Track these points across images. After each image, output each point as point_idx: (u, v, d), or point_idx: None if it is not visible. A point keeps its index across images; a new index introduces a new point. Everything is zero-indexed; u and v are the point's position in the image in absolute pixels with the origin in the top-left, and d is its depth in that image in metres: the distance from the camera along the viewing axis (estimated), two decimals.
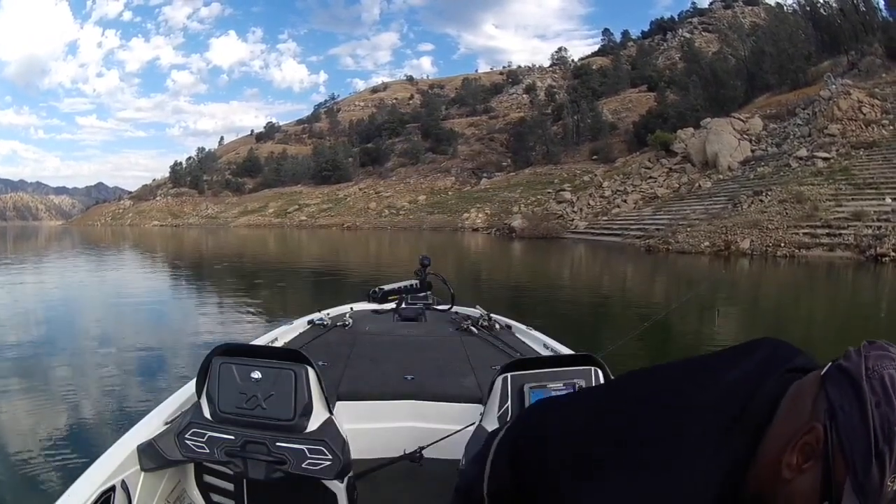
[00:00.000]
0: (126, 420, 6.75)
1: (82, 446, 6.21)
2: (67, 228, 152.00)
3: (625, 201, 58.57)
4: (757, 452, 1.05)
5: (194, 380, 2.99)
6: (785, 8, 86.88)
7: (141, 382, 9.06)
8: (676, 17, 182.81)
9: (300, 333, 4.88)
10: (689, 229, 38.95)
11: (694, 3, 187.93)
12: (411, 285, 6.13)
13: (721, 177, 52.25)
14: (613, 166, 76.20)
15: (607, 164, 79.92)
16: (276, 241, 64.53)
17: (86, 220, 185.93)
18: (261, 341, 4.33)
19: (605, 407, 1.20)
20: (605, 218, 57.04)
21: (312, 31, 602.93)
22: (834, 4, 74.83)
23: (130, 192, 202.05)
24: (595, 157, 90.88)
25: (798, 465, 0.98)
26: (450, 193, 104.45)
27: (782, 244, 32.86)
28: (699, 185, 52.29)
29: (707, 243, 35.63)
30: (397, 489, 3.27)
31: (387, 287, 5.94)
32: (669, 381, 1.18)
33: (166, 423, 2.97)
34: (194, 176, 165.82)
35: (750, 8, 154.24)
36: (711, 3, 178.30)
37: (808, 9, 78.51)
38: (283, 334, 4.77)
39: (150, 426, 2.94)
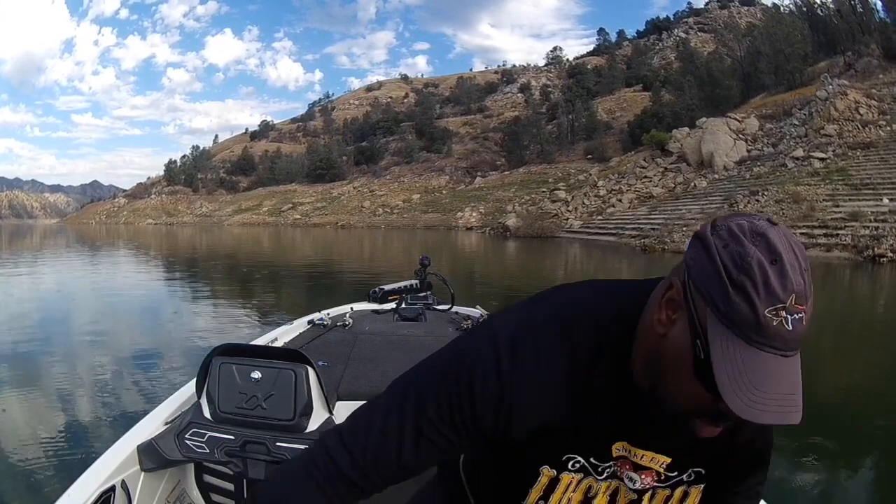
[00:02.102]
0: (118, 418, 6.87)
1: (82, 446, 6.08)
2: (62, 226, 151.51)
3: (620, 201, 58.32)
4: (636, 333, 1.19)
5: (194, 380, 3.01)
6: (781, 8, 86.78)
7: (132, 381, 8.77)
8: (672, 17, 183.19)
9: (300, 333, 4.83)
10: (684, 229, 38.62)
11: (690, 3, 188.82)
12: (411, 285, 5.93)
13: (717, 176, 52.03)
14: (608, 165, 76.13)
15: (602, 164, 79.86)
16: (270, 240, 64.31)
17: (80, 218, 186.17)
18: (261, 341, 4.33)
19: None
20: (600, 217, 56.75)
21: (308, 30, 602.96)
22: (831, 5, 74.71)
23: (125, 191, 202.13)
24: (590, 156, 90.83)
25: (668, 318, 1.10)
26: (444, 192, 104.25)
27: None
28: (695, 185, 52.10)
29: None
30: (397, 488, 3.05)
31: (387, 287, 5.75)
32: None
33: (166, 423, 2.97)
34: (189, 174, 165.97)
35: (746, 8, 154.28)
36: (707, 4, 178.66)
37: (804, 9, 78.36)
38: (283, 334, 4.74)
39: (150, 426, 2.94)
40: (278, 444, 2.70)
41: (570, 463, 1.29)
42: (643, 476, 1.30)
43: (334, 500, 1.29)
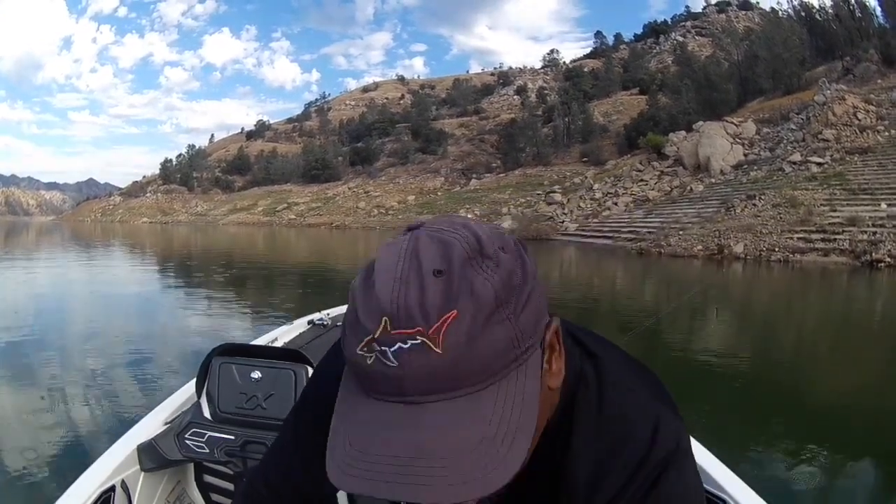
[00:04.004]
0: (111, 417, 6.96)
1: (81, 446, 6.08)
2: (58, 224, 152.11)
3: (616, 204, 58.10)
4: None
5: (194, 380, 2.99)
6: (780, 13, 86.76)
7: (128, 382, 8.67)
8: (669, 21, 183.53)
9: (300, 333, 4.75)
10: (681, 232, 38.54)
11: (687, 7, 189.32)
12: None
13: (713, 180, 51.82)
14: (604, 168, 75.87)
15: (598, 167, 79.60)
16: (265, 240, 64.36)
17: (76, 216, 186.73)
18: (261, 341, 4.27)
19: None
20: (595, 220, 56.52)
21: (306, 30, 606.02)
22: (829, 10, 74.75)
23: (121, 189, 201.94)
24: (585, 159, 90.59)
25: None
26: (439, 194, 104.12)
27: (776, 249, 32.42)
28: (691, 189, 51.86)
29: (700, 247, 35.19)
30: None
31: None
32: None
33: (166, 423, 2.93)
34: (184, 173, 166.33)
35: (744, 13, 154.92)
36: (705, 8, 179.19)
37: (803, 14, 78.45)
38: (283, 334, 4.67)
39: (149, 426, 2.90)
40: None
41: None
42: None
43: None
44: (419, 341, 0.76)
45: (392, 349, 0.76)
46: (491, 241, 0.82)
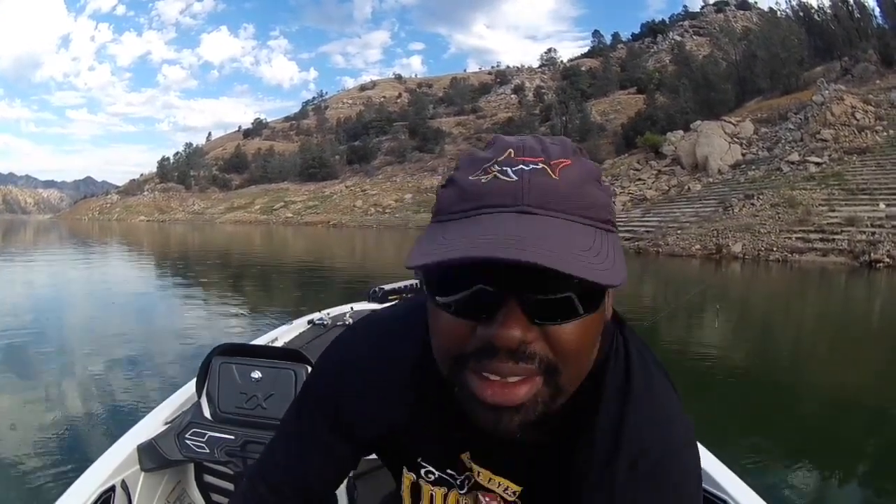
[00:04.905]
0: (111, 413, 6.93)
1: (81, 445, 6.03)
2: (55, 222, 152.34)
3: (613, 203, 58.06)
4: None
5: (194, 380, 2.98)
6: (778, 13, 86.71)
7: (126, 382, 8.52)
8: (667, 21, 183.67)
9: (300, 333, 4.74)
10: (679, 232, 38.50)
11: (685, 6, 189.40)
12: (412, 285, 5.61)
13: (711, 180, 51.73)
14: (602, 167, 75.18)
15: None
16: (262, 238, 64.41)
17: (73, 214, 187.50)
18: (261, 341, 4.27)
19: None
20: None
21: (304, 29, 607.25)
22: (828, 10, 74.73)
23: (118, 187, 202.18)
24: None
25: None
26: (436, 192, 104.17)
27: (775, 248, 32.39)
28: (689, 188, 51.76)
29: (698, 246, 35.14)
30: None
31: (387, 287, 5.44)
32: None
33: (166, 423, 2.92)
34: (181, 171, 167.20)
35: (742, 12, 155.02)
36: (703, 7, 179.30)
37: (801, 14, 78.41)
38: (283, 334, 4.67)
39: (150, 426, 2.89)
40: None
41: (425, 472, 1.22)
42: (488, 499, 1.17)
43: None
44: (540, 166, 0.84)
45: (514, 168, 0.84)
46: (588, 159, 0.95)
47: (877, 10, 69.99)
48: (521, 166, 0.84)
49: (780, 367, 10.56)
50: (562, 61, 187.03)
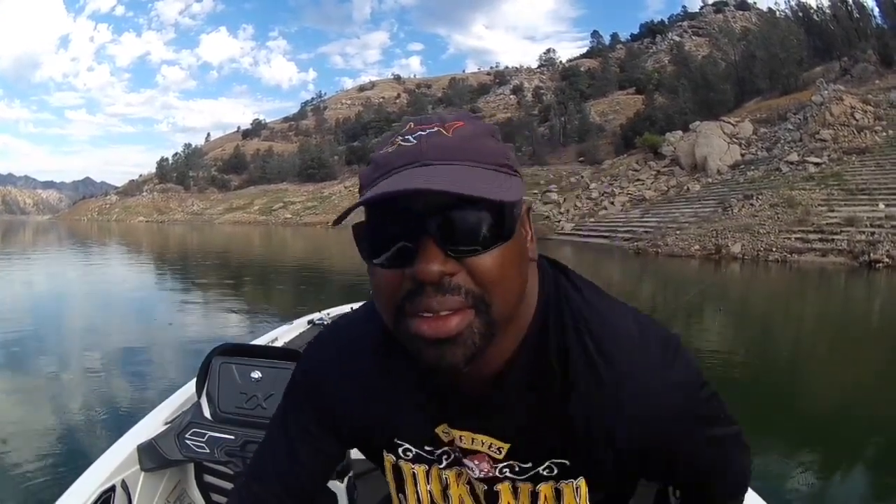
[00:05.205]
0: (110, 412, 7.02)
1: (81, 445, 6.08)
2: (54, 223, 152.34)
3: (612, 203, 58.06)
4: None
5: (194, 380, 3.00)
6: (777, 13, 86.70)
7: (125, 382, 8.64)
8: (666, 21, 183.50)
9: (300, 333, 4.83)
10: (678, 232, 38.50)
11: (684, 7, 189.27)
12: None
13: (710, 180, 51.77)
14: (601, 168, 75.72)
15: (594, 166, 79.46)
16: (261, 239, 64.46)
17: (72, 214, 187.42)
18: (261, 341, 4.34)
19: None
20: (592, 220, 56.48)
21: (303, 29, 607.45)
22: (827, 10, 74.71)
23: (117, 188, 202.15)
24: (582, 158, 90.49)
25: None
26: None
27: (774, 249, 32.36)
28: (688, 188, 51.81)
29: (697, 246, 35.12)
30: None
31: None
32: None
33: (166, 423, 2.96)
34: (180, 172, 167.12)
35: (741, 13, 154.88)
36: (702, 8, 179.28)
37: (800, 14, 78.37)
38: (283, 334, 4.74)
39: (150, 426, 2.94)
40: None
41: (403, 451, 1.27)
42: (476, 461, 1.20)
43: None
44: (435, 129, 0.95)
45: (413, 135, 0.95)
46: (485, 122, 1.02)
47: (876, 11, 70.08)
48: (419, 132, 0.95)
49: (780, 367, 10.59)
50: (561, 62, 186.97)
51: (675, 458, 1.18)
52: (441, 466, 1.26)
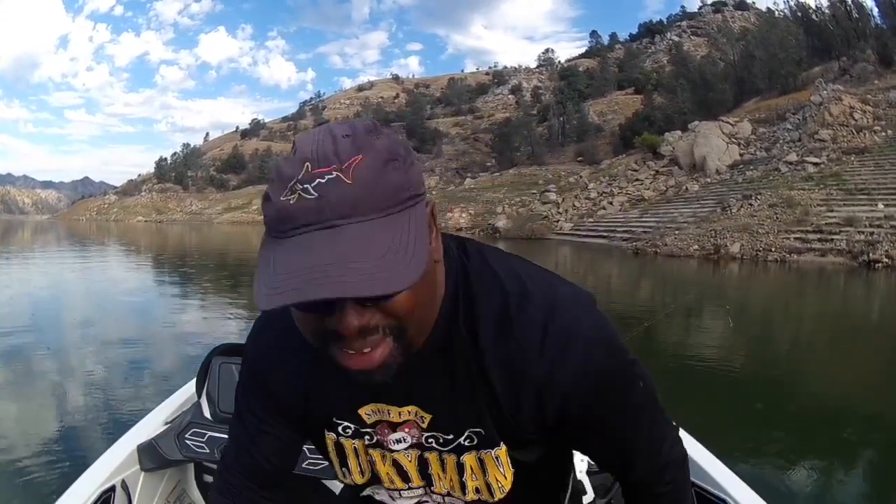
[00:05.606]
0: (110, 412, 6.91)
1: (81, 445, 6.02)
2: (53, 223, 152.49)
3: (611, 203, 58.05)
4: None
5: (194, 380, 3.03)
6: (776, 13, 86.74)
7: (124, 381, 8.54)
8: (665, 21, 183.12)
9: None
10: (677, 232, 38.48)
11: (683, 7, 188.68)
12: None
13: (709, 180, 51.77)
14: (599, 168, 75.63)
15: (593, 166, 79.37)
16: (259, 239, 64.36)
17: (71, 214, 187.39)
18: None
19: None
20: (590, 220, 56.47)
21: (302, 29, 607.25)
22: (826, 10, 74.73)
23: (116, 188, 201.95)
24: (581, 158, 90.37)
25: None
26: (434, 193, 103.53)
27: (773, 248, 32.35)
28: (686, 188, 51.79)
29: (696, 246, 35.09)
30: None
31: None
32: None
33: (166, 423, 2.95)
34: (179, 172, 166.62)
35: (740, 13, 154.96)
36: (701, 8, 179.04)
37: (799, 14, 78.36)
38: None
39: (150, 426, 2.92)
40: None
41: (342, 428, 1.32)
42: (406, 429, 1.26)
43: None
44: (334, 175, 0.90)
45: (312, 184, 0.90)
46: (385, 136, 0.99)
47: (875, 11, 70.22)
48: (318, 180, 0.91)
49: (780, 367, 10.54)
50: (559, 62, 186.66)
51: (587, 424, 1.19)
52: (368, 444, 1.31)
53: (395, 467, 1.32)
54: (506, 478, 1.27)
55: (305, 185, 0.91)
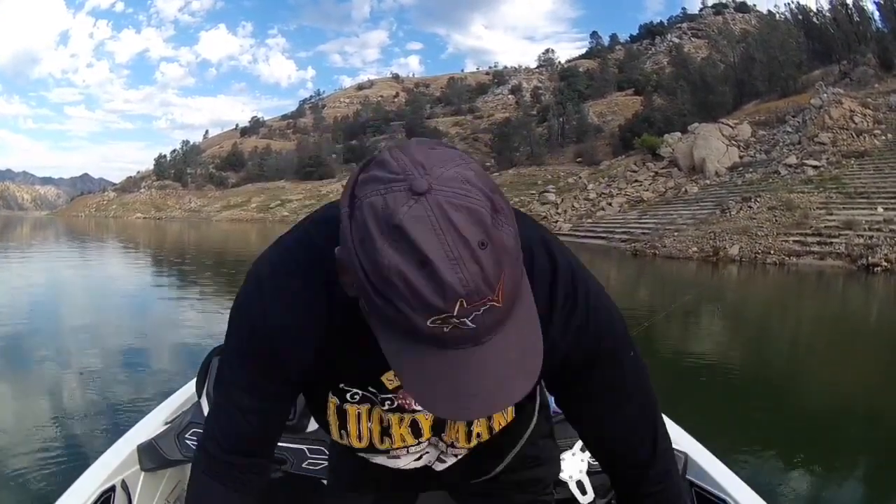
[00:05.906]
0: (110, 412, 6.82)
1: (81, 445, 5.98)
2: (52, 219, 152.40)
3: (610, 204, 57.93)
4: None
5: (194, 379, 3.00)
6: (777, 16, 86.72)
7: (123, 381, 8.42)
8: (666, 23, 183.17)
9: None
10: (676, 234, 38.39)
11: (684, 8, 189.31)
12: None
13: (708, 182, 51.71)
14: (598, 169, 75.59)
15: (592, 167, 79.36)
16: (258, 237, 64.34)
17: (70, 210, 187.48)
18: None
19: None
20: (589, 220, 56.30)
21: (302, 27, 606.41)
22: (827, 13, 74.60)
23: (115, 184, 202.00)
24: (580, 159, 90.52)
25: (349, 282, 0.96)
26: None
27: (772, 251, 32.26)
28: (686, 190, 51.72)
29: (695, 248, 35.02)
30: None
31: None
32: None
33: (166, 423, 2.95)
34: (178, 169, 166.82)
35: (741, 15, 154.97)
36: (701, 10, 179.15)
37: (800, 17, 78.24)
38: None
39: (150, 426, 2.92)
40: (279, 444, 2.34)
41: (350, 395, 1.32)
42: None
43: (238, 485, 1.35)
44: (488, 305, 0.86)
45: (469, 318, 0.86)
46: (492, 192, 0.92)
47: (876, 14, 69.90)
48: (474, 314, 0.86)
49: (779, 368, 10.55)
50: (559, 62, 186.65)
51: (592, 365, 1.26)
52: (384, 409, 1.32)
53: (412, 426, 1.34)
54: (505, 418, 1.38)
55: (462, 320, 0.86)
